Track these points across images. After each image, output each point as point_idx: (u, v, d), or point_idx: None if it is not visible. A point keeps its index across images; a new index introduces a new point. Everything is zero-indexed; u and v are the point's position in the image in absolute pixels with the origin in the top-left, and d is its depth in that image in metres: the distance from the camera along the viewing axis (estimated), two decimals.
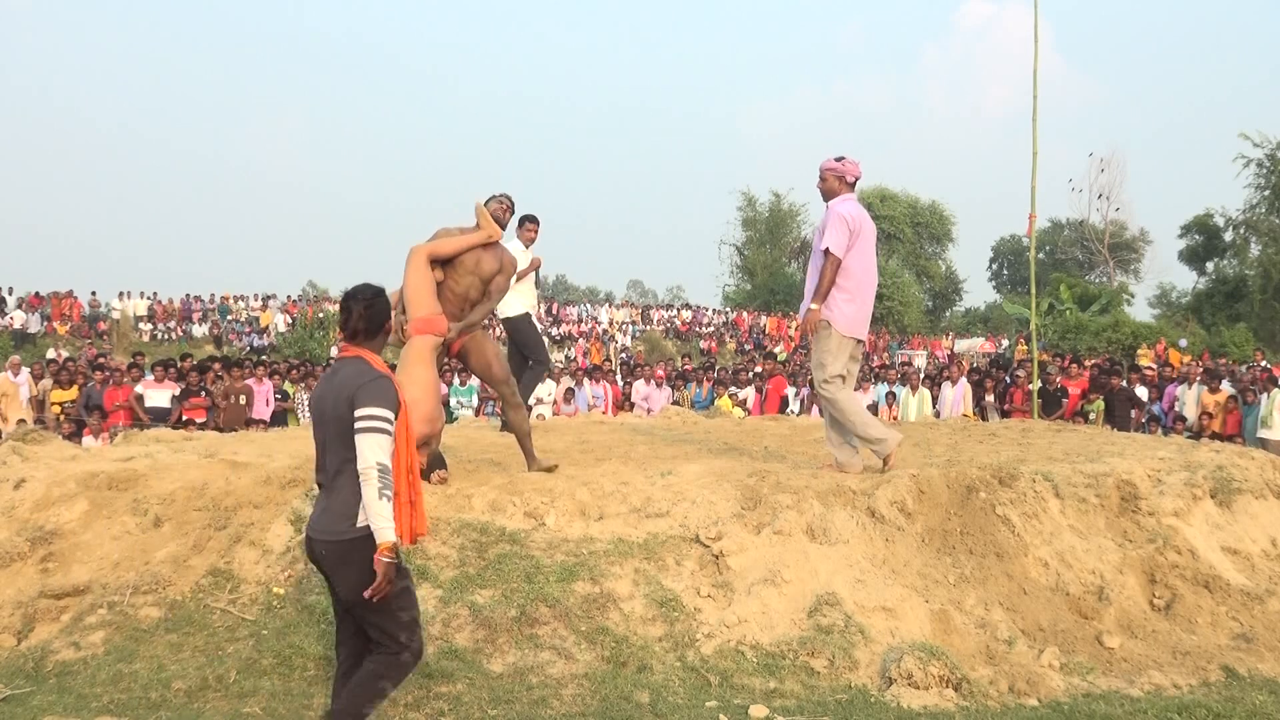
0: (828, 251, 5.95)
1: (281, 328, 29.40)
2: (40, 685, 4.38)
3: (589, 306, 41.60)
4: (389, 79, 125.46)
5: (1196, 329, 33.72)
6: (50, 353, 21.85)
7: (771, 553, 5.16)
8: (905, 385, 14.09)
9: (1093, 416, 12.54)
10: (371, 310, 3.55)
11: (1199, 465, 6.55)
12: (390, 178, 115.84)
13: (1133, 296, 40.52)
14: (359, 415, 3.34)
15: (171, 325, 31.05)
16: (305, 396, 13.98)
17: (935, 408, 13.68)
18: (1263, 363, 20.00)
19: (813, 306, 6.01)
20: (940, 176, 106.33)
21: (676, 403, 14.08)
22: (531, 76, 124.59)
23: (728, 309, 44.45)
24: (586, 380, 14.95)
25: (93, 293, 31.46)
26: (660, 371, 15.93)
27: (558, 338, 34.40)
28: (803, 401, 13.86)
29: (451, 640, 4.60)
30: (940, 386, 14.19)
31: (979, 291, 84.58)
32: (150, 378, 13.16)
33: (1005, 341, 34.45)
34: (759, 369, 17.17)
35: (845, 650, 4.67)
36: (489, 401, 14.16)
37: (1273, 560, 6.10)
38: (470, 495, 5.55)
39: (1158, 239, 55.89)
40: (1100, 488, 6.01)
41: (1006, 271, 58.53)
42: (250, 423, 12.48)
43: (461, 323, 5.93)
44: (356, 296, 3.56)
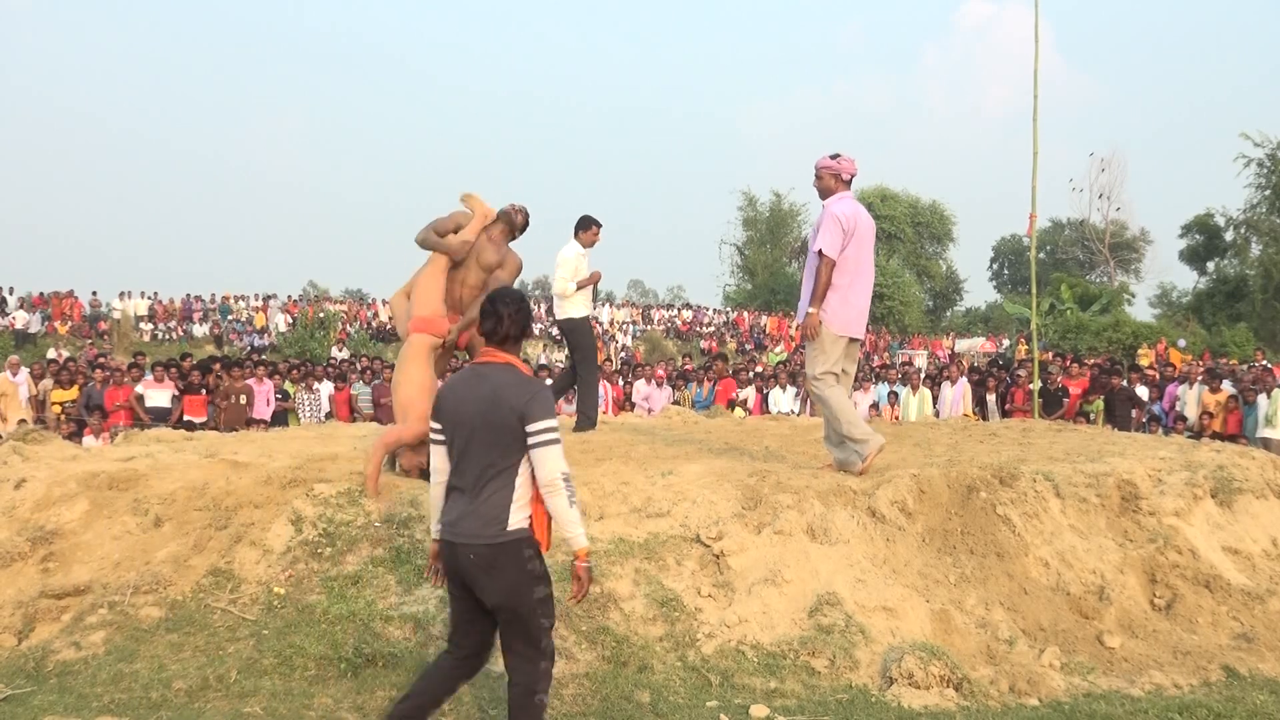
0: (821, 253, 5.93)
1: (281, 328, 29.39)
2: (41, 685, 4.38)
3: None
4: (389, 79, 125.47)
5: (1197, 329, 33.70)
6: (50, 353, 21.83)
7: (772, 552, 5.16)
8: (906, 385, 14.11)
9: (1093, 416, 12.54)
10: (521, 314, 3.53)
11: (1200, 465, 6.55)
12: (390, 178, 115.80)
13: (1133, 296, 40.50)
14: (536, 429, 3.37)
15: (172, 325, 31.06)
16: (306, 396, 13.98)
17: (935, 407, 13.69)
18: (1263, 362, 19.96)
19: (811, 310, 5.99)
20: (940, 176, 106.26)
21: (677, 402, 14.06)
22: (531, 76, 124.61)
23: (728, 309, 44.46)
24: None
25: (93, 293, 31.62)
26: (661, 371, 15.91)
27: (558, 338, 34.43)
28: (802, 401, 13.85)
29: None
30: (940, 386, 14.20)
31: (979, 291, 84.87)
32: (150, 378, 13.17)
33: (1006, 341, 34.43)
34: (758, 369, 17.16)
35: (846, 650, 4.67)
36: None
37: (1273, 560, 6.10)
38: None
39: (1158, 239, 56.00)
40: (1101, 487, 6.01)
41: (1007, 271, 58.55)
42: (250, 423, 12.48)
43: (461, 321, 6.07)
44: (506, 300, 3.53)
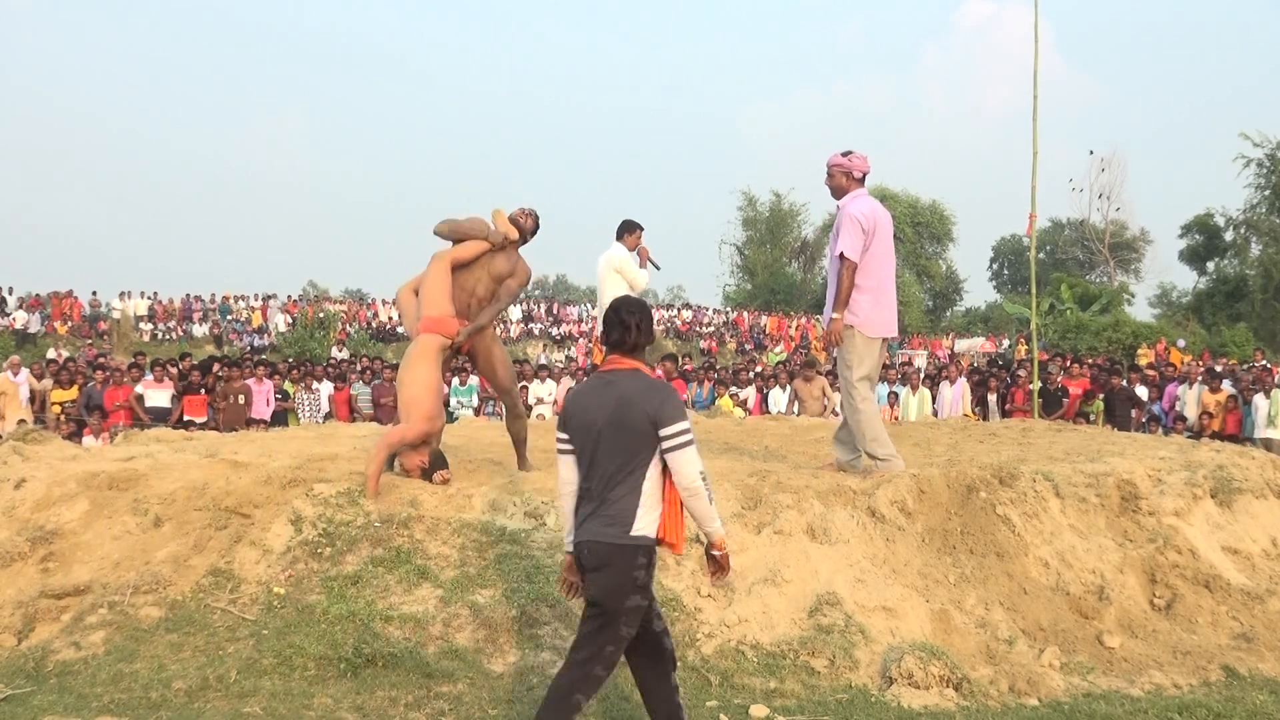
0: (843, 256, 5.79)
1: (281, 328, 29.38)
2: (41, 685, 4.37)
3: (589, 306, 41.48)
4: (389, 79, 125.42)
5: (1197, 329, 33.70)
6: (50, 353, 21.84)
7: (772, 552, 5.16)
8: (905, 385, 14.10)
9: (1093, 416, 12.55)
10: (647, 322, 3.58)
11: (1199, 465, 6.55)
12: (390, 178, 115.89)
13: (1133, 296, 40.56)
14: (671, 432, 3.42)
15: (172, 325, 31.04)
16: (305, 396, 13.98)
17: (934, 407, 13.68)
18: (1262, 362, 19.96)
19: (835, 316, 5.84)
20: (940, 176, 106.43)
21: None
22: (531, 76, 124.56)
23: (728, 309, 44.46)
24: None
25: (93, 293, 31.57)
26: (660, 371, 15.90)
27: (558, 337, 34.43)
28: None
29: (452, 640, 4.60)
30: (939, 386, 14.19)
31: (979, 291, 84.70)
32: (150, 377, 13.17)
33: (1006, 341, 34.45)
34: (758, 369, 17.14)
35: (846, 650, 4.67)
36: (489, 401, 14.16)
37: (1273, 560, 6.10)
38: (471, 495, 5.55)
39: (1158, 239, 55.82)
40: (1101, 487, 6.01)
41: (1007, 271, 58.51)
42: (250, 423, 12.48)
43: (471, 325, 6.00)
44: (631, 309, 3.57)
